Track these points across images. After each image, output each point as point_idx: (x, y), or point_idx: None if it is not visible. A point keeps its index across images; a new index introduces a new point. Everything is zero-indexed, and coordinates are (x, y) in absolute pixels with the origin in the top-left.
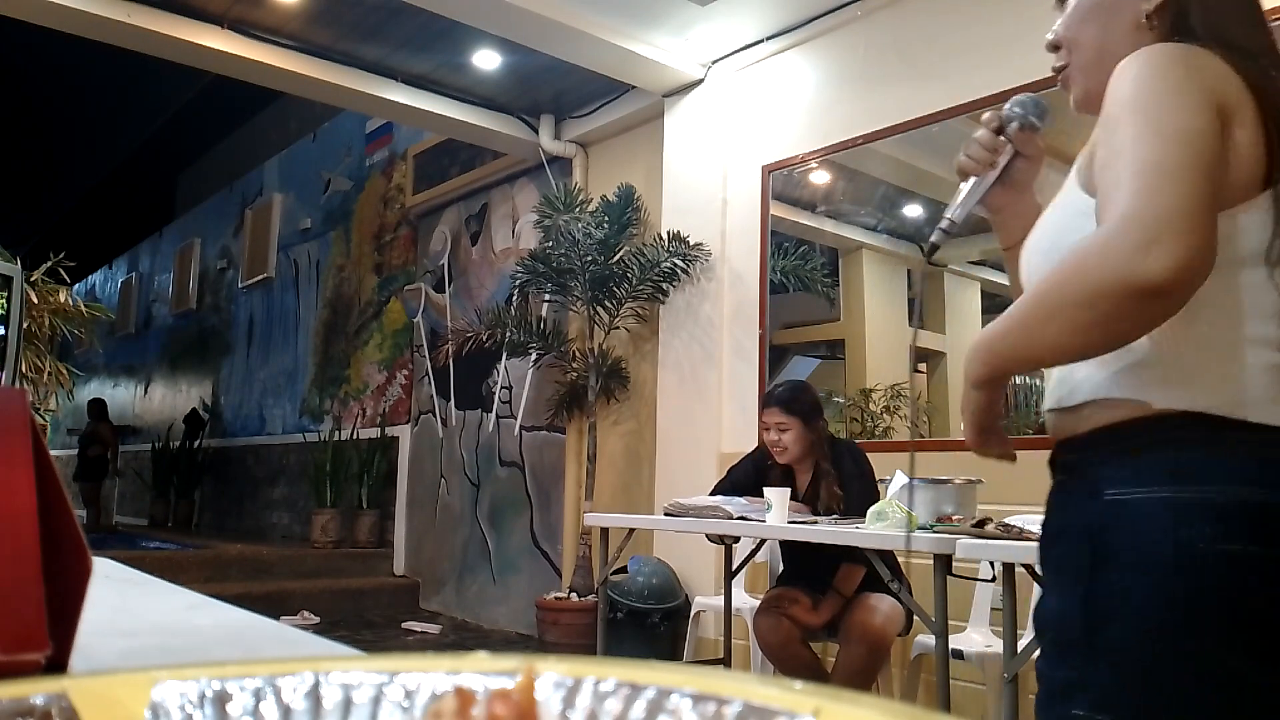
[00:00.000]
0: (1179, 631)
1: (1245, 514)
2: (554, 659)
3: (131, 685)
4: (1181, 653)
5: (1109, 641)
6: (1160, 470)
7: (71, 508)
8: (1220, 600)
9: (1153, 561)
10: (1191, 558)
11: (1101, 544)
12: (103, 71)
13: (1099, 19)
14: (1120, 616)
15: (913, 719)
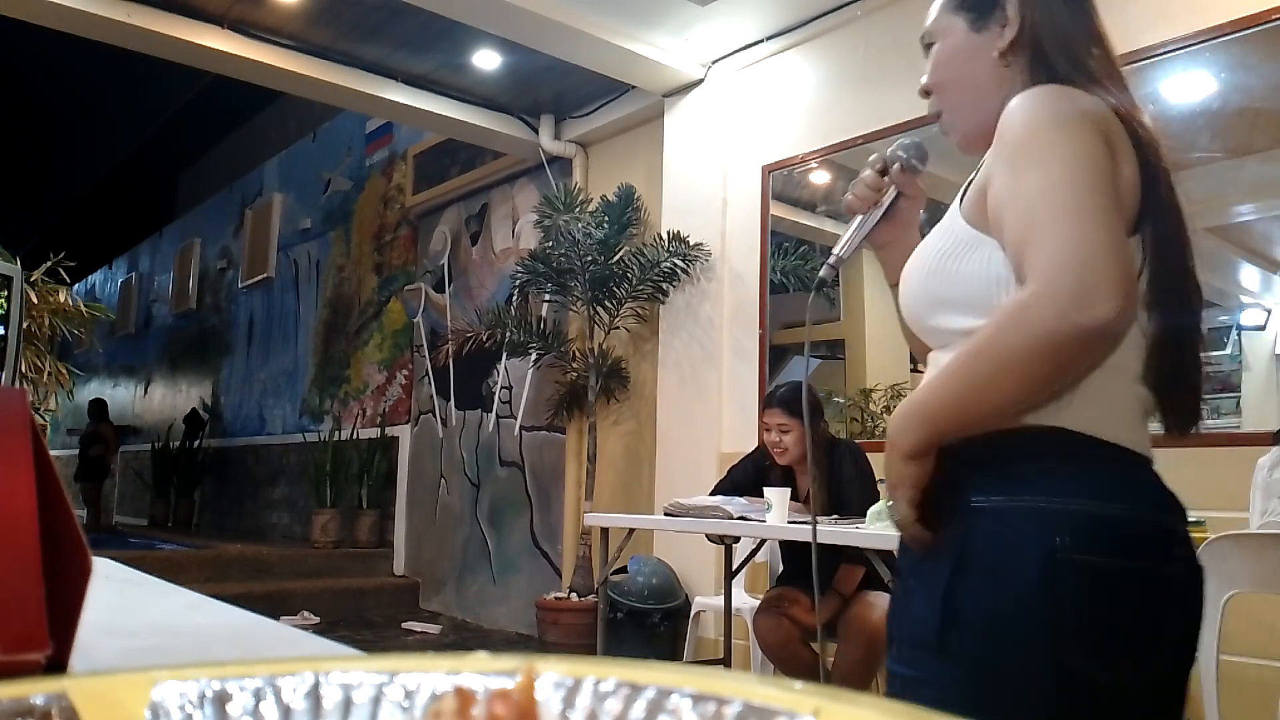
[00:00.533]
0: (1033, 635)
1: (1100, 526)
2: (554, 659)
3: (131, 685)
4: (1034, 655)
5: (962, 642)
6: (1025, 481)
7: (71, 508)
8: (1073, 606)
9: (1012, 567)
10: (1049, 565)
11: (964, 549)
12: (103, 71)
13: (960, 62)
14: (975, 619)
15: (913, 719)
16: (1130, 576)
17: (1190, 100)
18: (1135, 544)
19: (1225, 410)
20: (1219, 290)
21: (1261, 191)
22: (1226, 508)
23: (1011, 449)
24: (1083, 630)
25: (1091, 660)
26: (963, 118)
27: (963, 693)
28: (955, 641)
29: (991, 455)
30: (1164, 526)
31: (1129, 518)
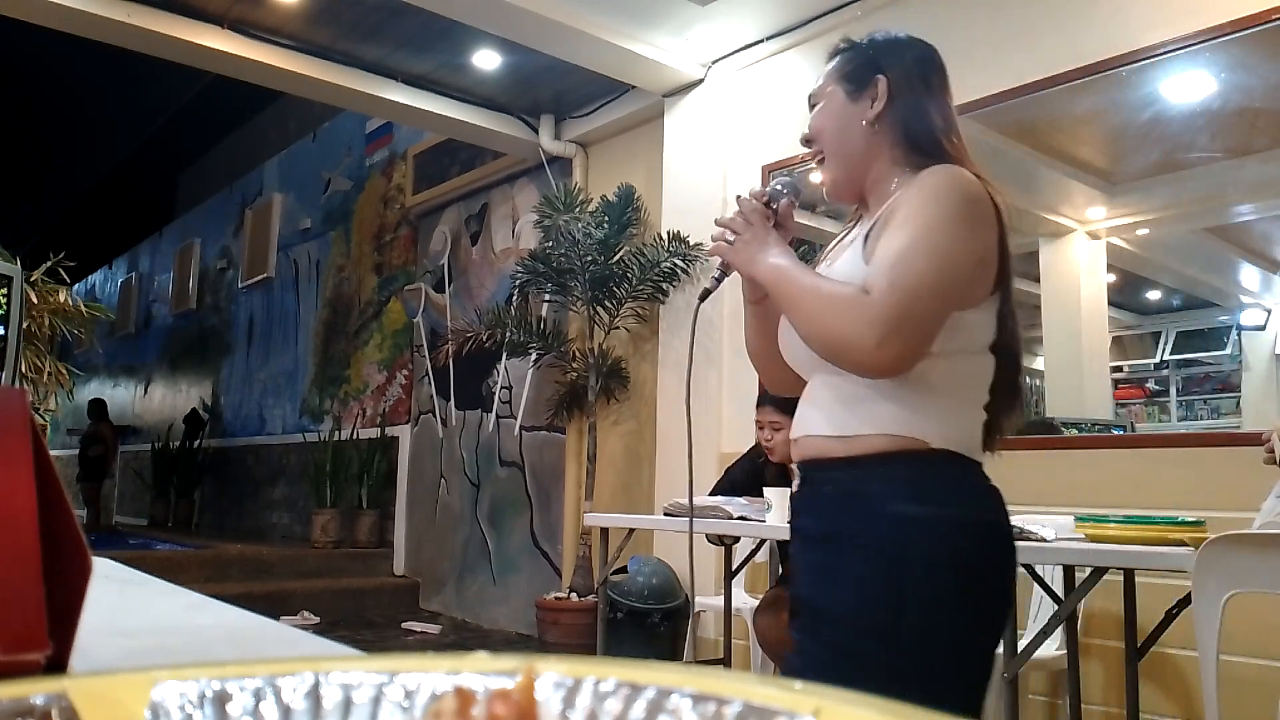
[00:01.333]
0: (949, 618)
1: (989, 532)
2: (554, 659)
3: (131, 685)
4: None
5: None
6: (930, 492)
7: (71, 508)
8: (978, 594)
9: (939, 563)
10: (964, 561)
11: (890, 550)
12: (103, 71)
13: (837, 124)
14: (918, 609)
15: (912, 718)
16: (1006, 569)
17: (1190, 100)
18: (1006, 543)
19: (1225, 410)
20: (1219, 290)
21: (1261, 191)
22: (1226, 508)
23: (923, 466)
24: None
25: (991, 637)
26: (834, 169)
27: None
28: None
29: (905, 472)
30: (1009, 527)
31: (1000, 523)
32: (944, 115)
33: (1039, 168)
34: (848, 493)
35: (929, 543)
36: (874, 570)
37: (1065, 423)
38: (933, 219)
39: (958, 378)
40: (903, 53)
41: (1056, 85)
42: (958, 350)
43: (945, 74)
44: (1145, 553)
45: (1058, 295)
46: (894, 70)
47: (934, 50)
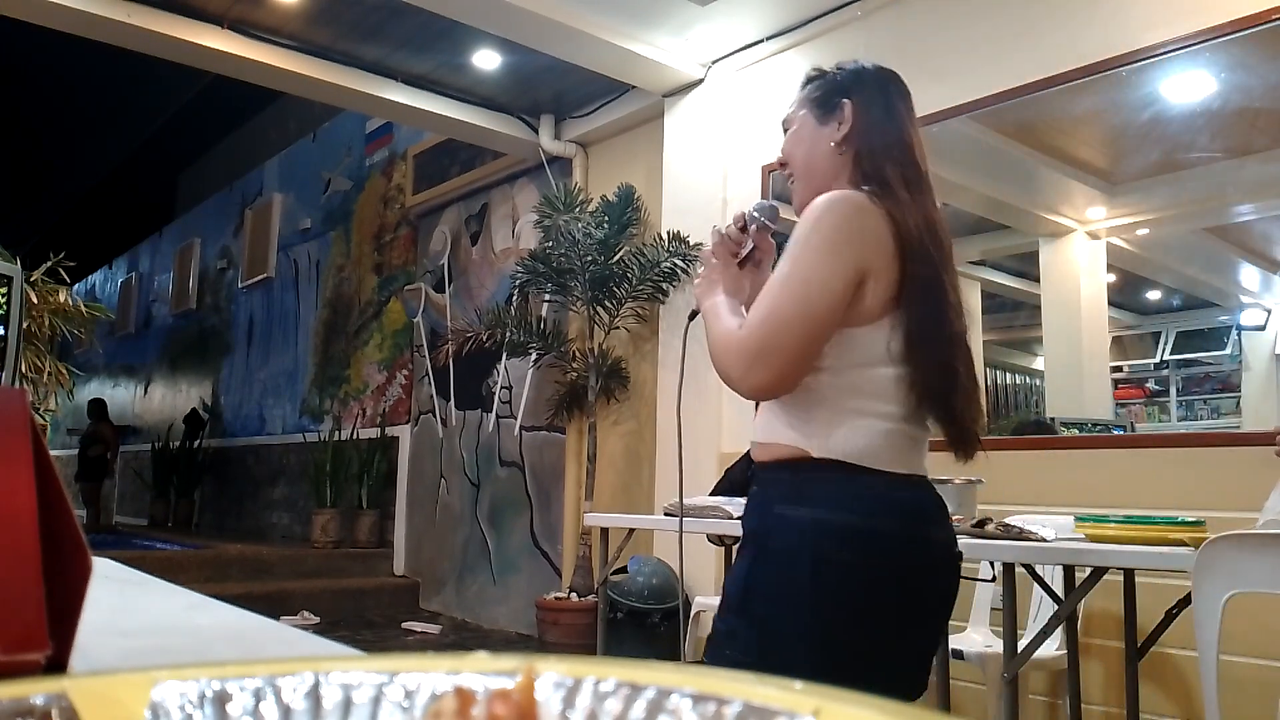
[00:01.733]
0: (809, 607)
1: (856, 534)
2: (554, 659)
3: (131, 685)
4: (808, 621)
5: (756, 610)
6: (806, 496)
7: (71, 508)
8: (833, 589)
9: (795, 557)
10: (821, 557)
11: (764, 543)
12: (103, 71)
13: (806, 145)
14: (764, 593)
15: (913, 719)
16: (874, 571)
17: (1190, 100)
18: (880, 547)
19: (1225, 410)
20: (1219, 290)
21: (1261, 191)
22: (1226, 508)
23: (802, 472)
24: (835, 603)
25: (841, 624)
26: (803, 190)
27: (753, 643)
28: (751, 606)
29: (789, 475)
30: (905, 534)
31: (876, 528)
32: (898, 140)
33: (1039, 168)
34: (753, 494)
35: (791, 539)
36: (747, 561)
37: (1065, 423)
38: (799, 249)
39: (847, 390)
40: (868, 79)
41: (1056, 85)
42: (847, 365)
43: (908, 99)
44: (1145, 553)
45: (1058, 295)
46: (858, 95)
47: (897, 76)
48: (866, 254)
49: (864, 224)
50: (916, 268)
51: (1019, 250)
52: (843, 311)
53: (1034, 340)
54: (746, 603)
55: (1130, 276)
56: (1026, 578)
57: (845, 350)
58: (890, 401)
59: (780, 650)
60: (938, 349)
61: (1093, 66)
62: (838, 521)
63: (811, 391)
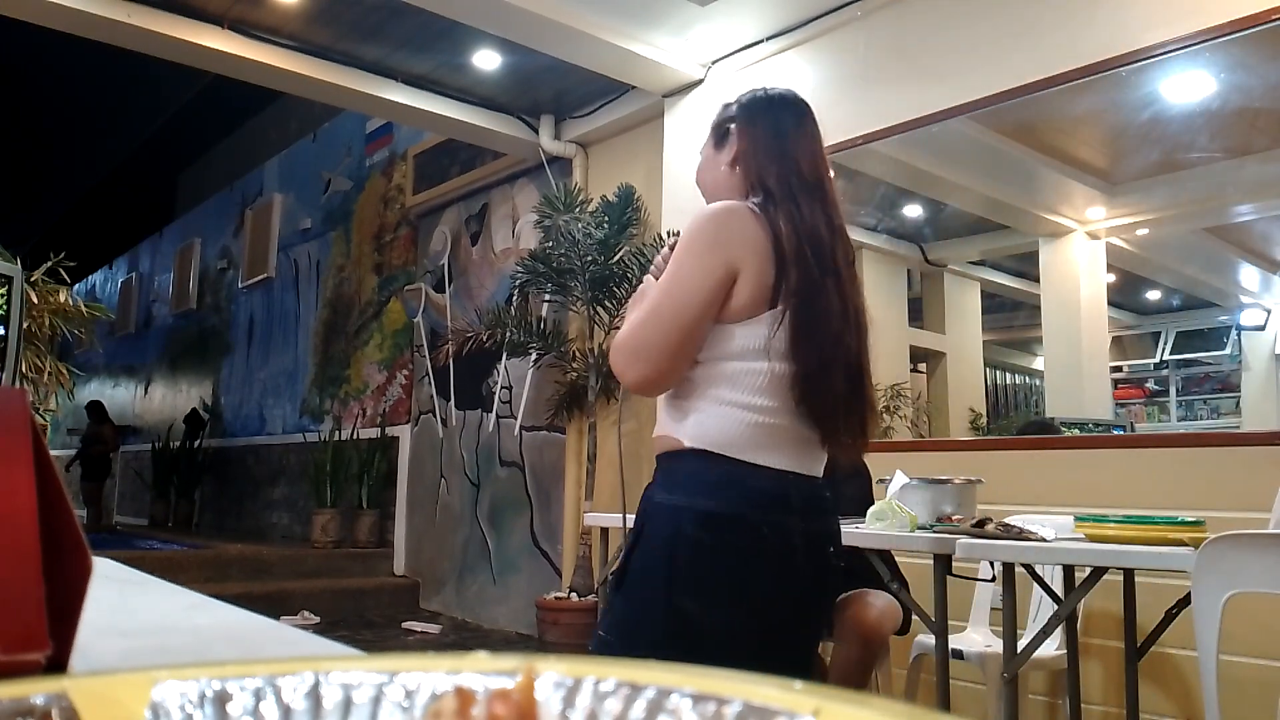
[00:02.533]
0: (666, 585)
1: (710, 518)
2: (554, 659)
3: (132, 685)
4: (660, 596)
5: (626, 588)
6: (676, 484)
7: (71, 508)
8: (692, 568)
9: (660, 540)
10: (680, 540)
11: (640, 527)
12: (103, 71)
13: (708, 168)
14: (636, 573)
15: (913, 719)
16: (725, 549)
17: (1190, 100)
18: (735, 532)
19: (1225, 410)
20: (1219, 290)
21: (1261, 191)
22: (1226, 508)
23: (675, 462)
24: (690, 583)
25: (694, 602)
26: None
27: (624, 616)
28: (624, 586)
29: (665, 465)
30: (761, 521)
31: (731, 513)
32: (780, 155)
33: (1039, 168)
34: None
35: (658, 524)
36: (629, 545)
37: (1065, 423)
38: (676, 255)
39: (715, 382)
40: (757, 106)
41: (1056, 85)
42: (719, 358)
43: (804, 120)
44: (1145, 553)
45: (1058, 295)
46: (744, 122)
47: (791, 100)
48: (735, 254)
49: (733, 228)
50: (792, 270)
51: (1019, 250)
52: (714, 308)
53: (1034, 340)
54: (620, 582)
55: (1130, 276)
56: (1026, 578)
57: (719, 344)
58: (764, 395)
59: (640, 625)
60: (814, 349)
61: (1093, 66)
62: (697, 507)
63: (687, 383)
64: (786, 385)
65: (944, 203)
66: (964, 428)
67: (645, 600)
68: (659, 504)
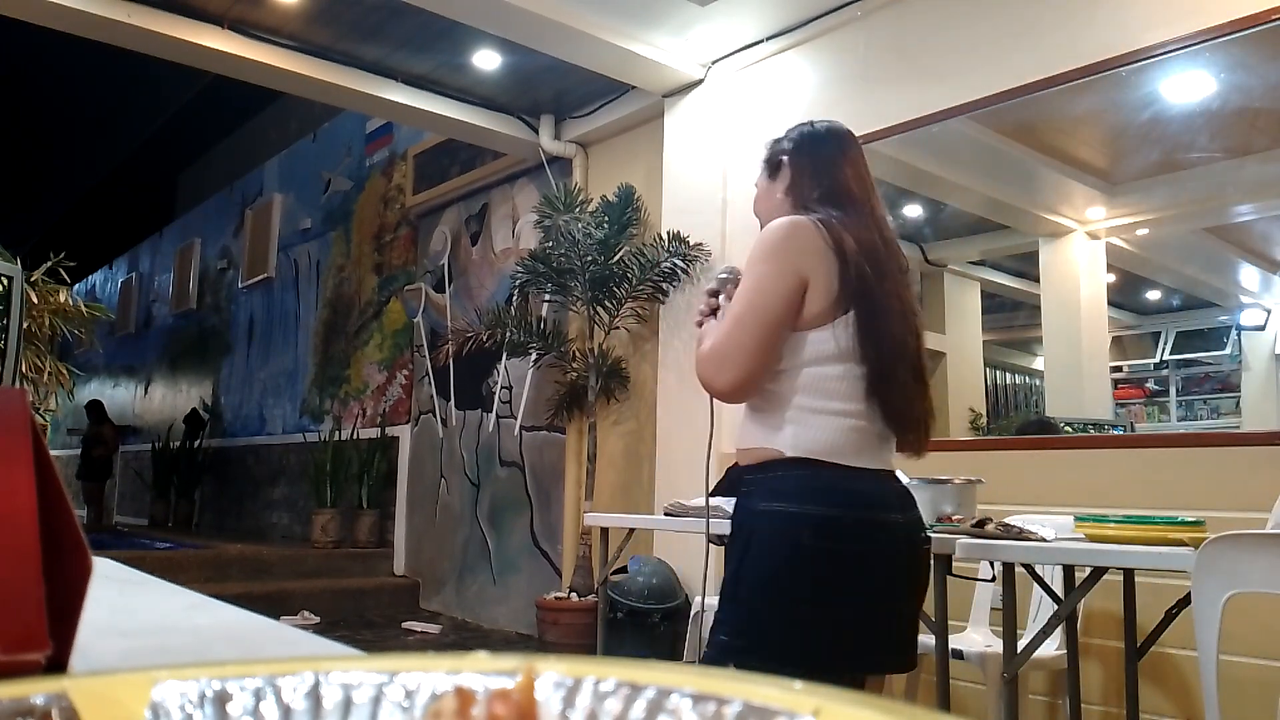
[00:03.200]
0: (788, 590)
1: (826, 523)
2: (554, 659)
3: (132, 685)
4: (788, 603)
5: (743, 596)
6: (782, 493)
7: (72, 508)
8: (808, 574)
9: (776, 547)
10: (799, 546)
11: (749, 537)
12: (103, 71)
13: (763, 198)
14: (753, 581)
15: (913, 719)
16: (843, 552)
17: (1190, 100)
18: (846, 533)
19: (1225, 410)
20: (1219, 290)
21: (1261, 191)
22: (1226, 508)
23: (777, 470)
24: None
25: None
26: None
27: (747, 623)
28: (740, 594)
29: (765, 476)
30: (867, 520)
31: (840, 516)
32: (829, 180)
33: (1039, 168)
34: (740, 496)
35: (771, 532)
36: (738, 555)
37: (1065, 423)
38: (750, 267)
39: (805, 390)
40: (804, 139)
41: (1056, 85)
42: (800, 364)
43: (848, 149)
44: (1145, 553)
45: (1058, 295)
46: (794, 153)
47: (838, 133)
48: (803, 263)
49: (800, 239)
50: (854, 278)
51: (1019, 250)
52: (792, 314)
53: (1034, 340)
54: (736, 591)
55: (1130, 276)
56: (1026, 578)
57: (796, 351)
58: (844, 399)
59: (763, 629)
60: (881, 350)
61: (1093, 66)
62: (811, 513)
63: (776, 396)
64: (862, 387)
65: (944, 203)
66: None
67: (767, 606)
68: (764, 512)
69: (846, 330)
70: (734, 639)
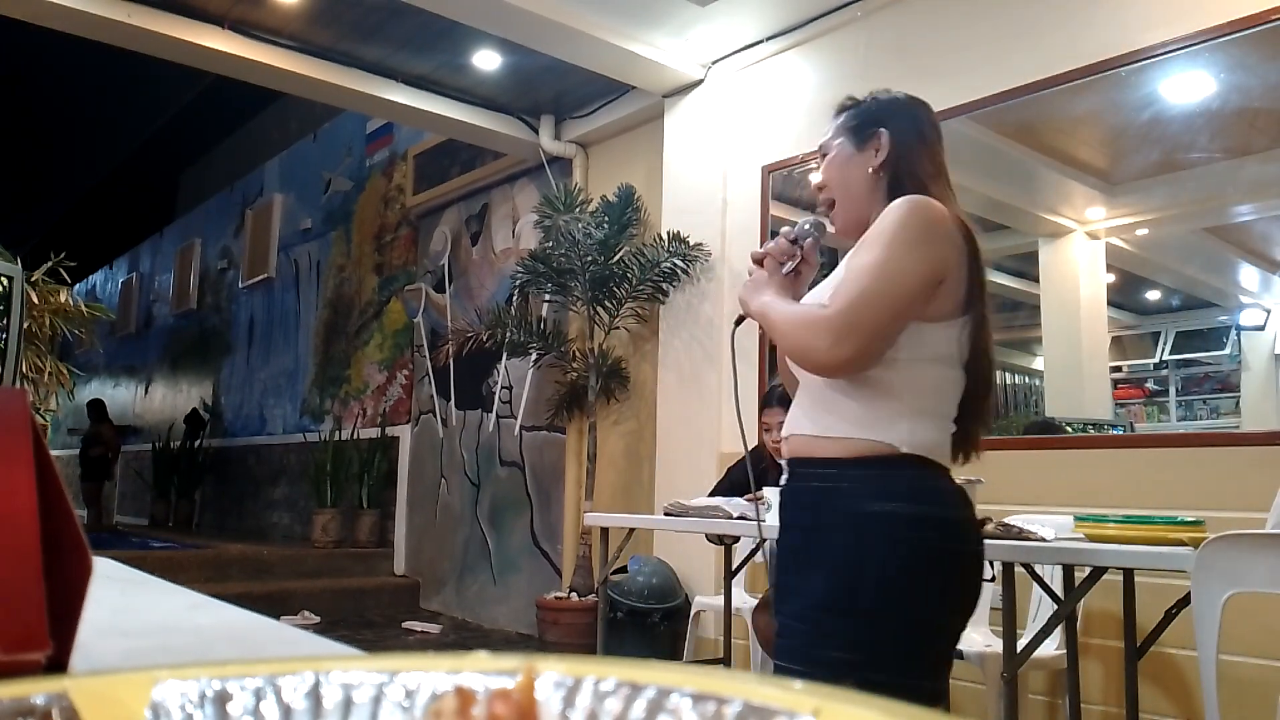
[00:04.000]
0: (908, 597)
1: (953, 524)
2: (554, 659)
3: (132, 685)
4: (907, 610)
5: (862, 606)
6: (899, 491)
7: (72, 508)
8: (939, 579)
9: (896, 552)
10: (922, 551)
11: (857, 539)
12: (103, 71)
13: (845, 170)
14: (871, 588)
15: (913, 719)
16: (963, 556)
17: (1190, 100)
18: (960, 534)
19: (1224, 410)
20: (1218, 290)
21: (1261, 191)
22: (1226, 507)
23: (890, 469)
24: (944, 594)
25: (941, 608)
26: (843, 211)
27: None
28: (857, 603)
29: (876, 473)
30: (972, 520)
31: (952, 517)
32: (934, 163)
33: (1039, 168)
34: (827, 489)
35: (887, 535)
36: (842, 558)
37: (1065, 423)
38: (884, 239)
39: (919, 385)
40: (901, 109)
41: (1056, 85)
42: (918, 359)
43: (938, 127)
44: (1145, 553)
45: (1057, 295)
46: (893, 125)
47: (928, 106)
48: (946, 254)
49: (944, 229)
50: (979, 275)
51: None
52: (922, 302)
53: (1033, 340)
54: (854, 602)
55: (1130, 276)
56: (1026, 577)
57: (918, 344)
58: (945, 401)
59: (886, 640)
60: (986, 362)
61: (1093, 66)
62: (932, 514)
63: (888, 387)
64: (957, 394)
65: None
66: None
67: (890, 615)
68: (879, 513)
69: (963, 334)
70: (851, 653)
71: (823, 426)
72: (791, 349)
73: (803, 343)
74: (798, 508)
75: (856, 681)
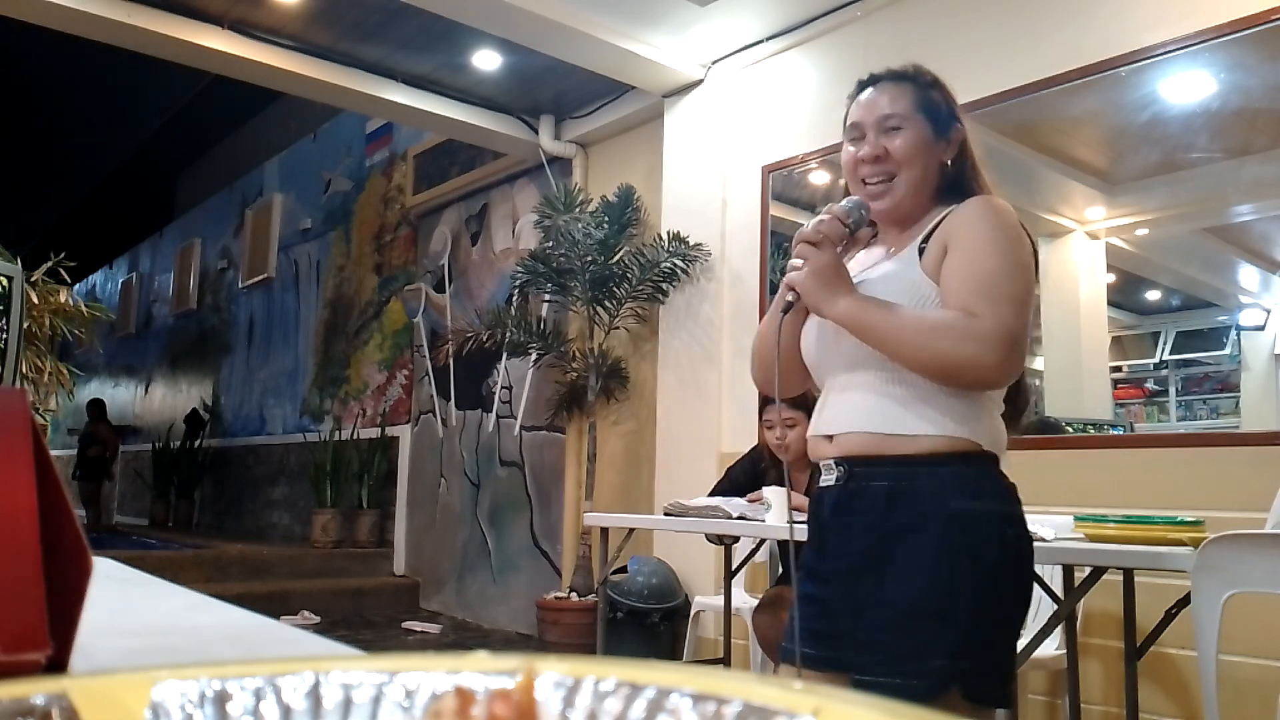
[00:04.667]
0: (1002, 599)
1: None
2: (554, 659)
3: (132, 685)
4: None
5: (963, 610)
6: (983, 490)
7: (72, 508)
8: (1020, 578)
9: (988, 552)
10: (1010, 550)
11: (953, 540)
12: (103, 71)
13: (922, 155)
14: (970, 592)
15: (913, 719)
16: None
17: (1190, 100)
18: (1028, 532)
19: (1224, 410)
20: (1218, 290)
21: (1261, 191)
22: (1226, 508)
23: (975, 466)
24: (1023, 593)
25: (1023, 611)
26: (904, 194)
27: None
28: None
29: (963, 470)
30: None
31: (1023, 515)
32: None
33: (1039, 168)
34: (903, 488)
35: (981, 535)
36: (931, 560)
37: (1065, 423)
38: (1001, 241)
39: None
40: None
41: (1056, 85)
42: None
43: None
44: (1145, 553)
45: (1057, 295)
46: (962, 121)
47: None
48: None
49: (1026, 232)
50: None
51: None
52: None
53: (1034, 340)
54: (953, 608)
55: (1130, 276)
56: None
57: None
58: (1001, 396)
59: (986, 644)
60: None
61: (1093, 66)
62: (1014, 513)
63: None
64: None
65: None
66: None
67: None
68: (967, 512)
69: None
70: (956, 661)
71: (898, 424)
72: (938, 361)
73: (962, 355)
74: (861, 509)
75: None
